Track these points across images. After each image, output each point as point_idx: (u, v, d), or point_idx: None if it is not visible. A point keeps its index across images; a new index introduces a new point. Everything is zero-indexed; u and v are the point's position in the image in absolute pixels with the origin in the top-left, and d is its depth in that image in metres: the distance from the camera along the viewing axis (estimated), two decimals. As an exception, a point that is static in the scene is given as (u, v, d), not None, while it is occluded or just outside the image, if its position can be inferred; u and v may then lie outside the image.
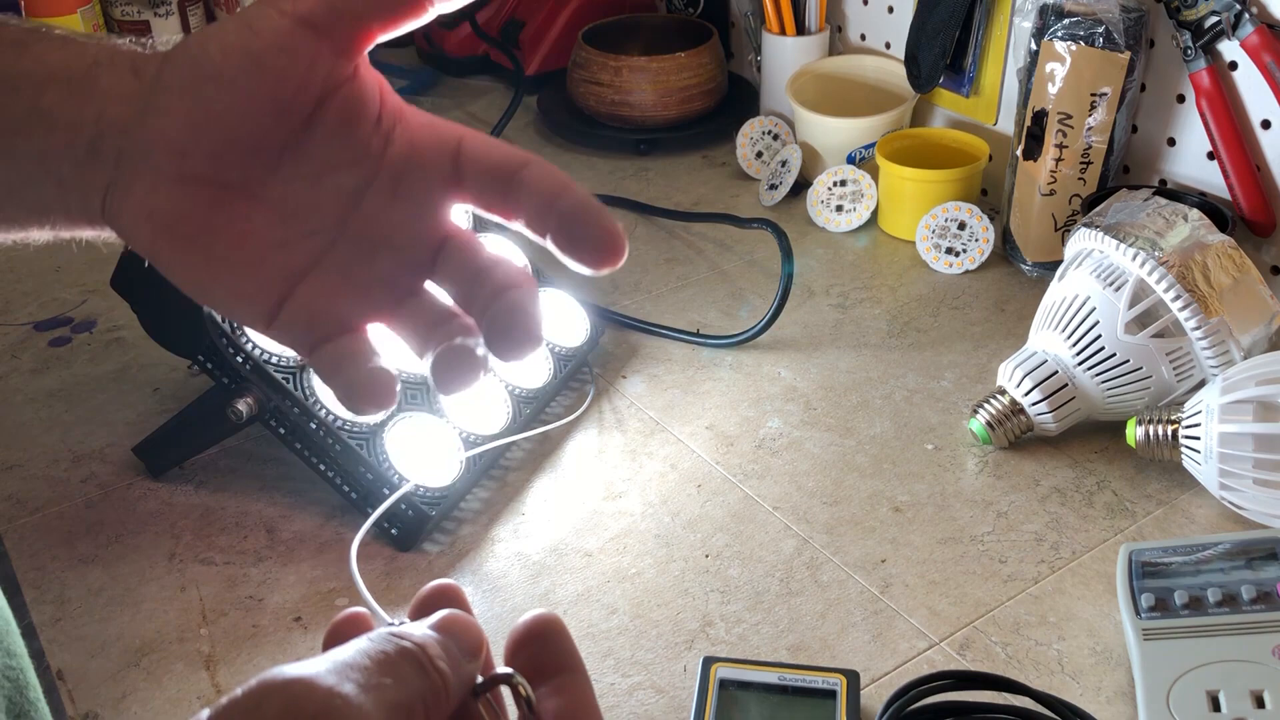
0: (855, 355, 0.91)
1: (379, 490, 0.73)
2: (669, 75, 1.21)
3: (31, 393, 0.90)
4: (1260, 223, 0.88)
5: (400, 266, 0.39)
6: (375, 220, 0.38)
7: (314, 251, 0.38)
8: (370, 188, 0.38)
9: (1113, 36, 0.89)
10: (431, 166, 0.38)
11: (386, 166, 0.38)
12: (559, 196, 0.37)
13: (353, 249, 0.38)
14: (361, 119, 0.38)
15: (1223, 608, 0.61)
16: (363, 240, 0.38)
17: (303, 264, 0.38)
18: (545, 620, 0.35)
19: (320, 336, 0.37)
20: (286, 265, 0.37)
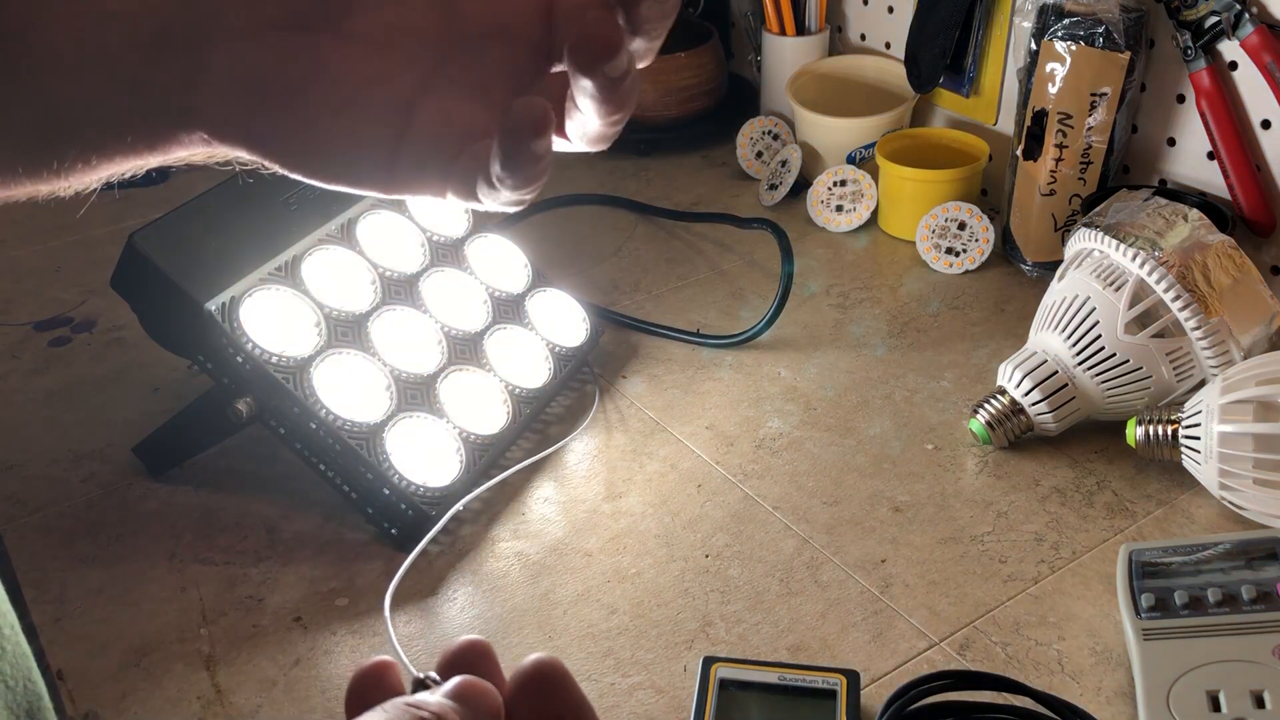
0: (855, 355, 0.91)
1: (379, 490, 0.73)
2: (669, 75, 1.21)
3: (31, 393, 0.90)
4: (1260, 223, 0.88)
5: (515, 54, 0.36)
6: (474, 17, 0.36)
7: (418, 75, 0.35)
8: None
9: (1113, 36, 0.89)
10: None
11: None
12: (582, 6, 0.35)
13: (458, 57, 0.36)
14: None
15: (1223, 608, 0.61)
16: (467, 44, 0.36)
17: (412, 90, 0.35)
18: (549, 666, 0.35)
19: (450, 157, 0.35)
20: (396, 95, 0.35)
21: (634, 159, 1.24)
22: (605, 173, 1.21)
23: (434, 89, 0.36)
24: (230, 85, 0.34)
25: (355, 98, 0.35)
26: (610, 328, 0.95)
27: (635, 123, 1.23)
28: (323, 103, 0.35)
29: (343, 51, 0.35)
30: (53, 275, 1.06)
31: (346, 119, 0.35)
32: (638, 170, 1.22)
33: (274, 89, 0.34)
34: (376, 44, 0.35)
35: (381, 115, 0.35)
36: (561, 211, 1.13)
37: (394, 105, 0.35)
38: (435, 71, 0.36)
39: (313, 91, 0.35)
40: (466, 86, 0.36)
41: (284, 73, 0.34)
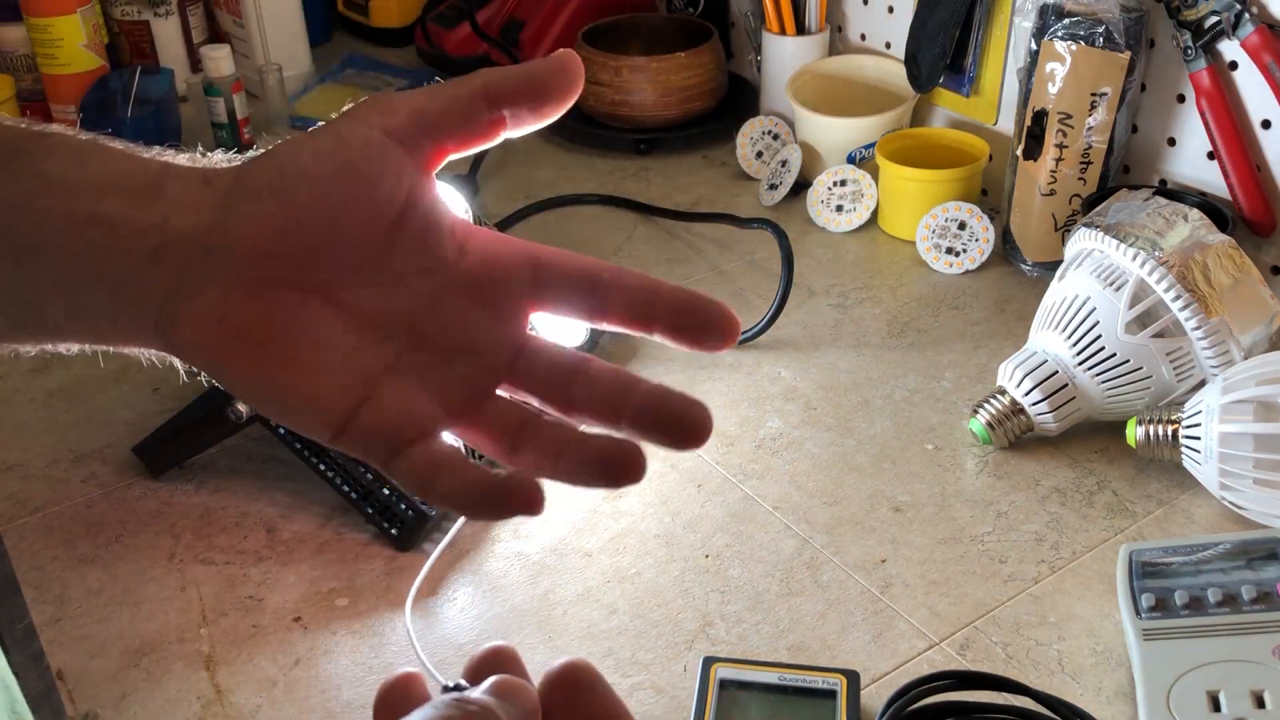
0: (855, 355, 0.91)
1: (379, 490, 0.73)
2: (669, 75, 1.21)
3: (31, 393, 0.90)
4: (1260, 223, 0.88)
5: (478, 370, 0.39)
6: (452, 326, 0.39)
7: (389, 356, 0.38)
8: (445, 295, 0.38)
9: (1113, 36, 0.89)
10: (509, 274, 0.39)
11: (463, 275, 0.39)
12: (657, 291, 0.38)
13: (429, 354, 0.38)
14: (438, 230, 0.38)
15: (1223, 608, 0.61)
16: (439, 345, 0.38)
17: (377, 368, 0.37)
18: (580, 668, 0.35)
19: (398, 442, 0.36)
20: (362, 369, 0.37)
21: (634, 159, 1.24)
22: (605, 173, 1.21)
23: (397, 373, 0.38)
24: (213, 319, 0.36)
25: (326, 362, 0.37)
26: (610, 328, 0.94)
27: (635, 123, 1.24)
28: (297, 360, 0.36)
29: (329, 317, 0.37)
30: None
31: (312, 379, 0.36)
32: (638, 170, 1.22)
33: (255, 335, 0.36)
34: (359, 320, 0.37)
35: (345, 384, 0.37)
36: (561, 211, 1.13)
37: (358, 379, 0.37)
38: (403, 357, 0.38)
39: (289, 347, 0.36)
40: (426, 382, 0.38)
41: (270, 324, 0.36)
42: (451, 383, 0.38)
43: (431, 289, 0.38)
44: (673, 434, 0.37)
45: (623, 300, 0.38)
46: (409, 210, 0.37)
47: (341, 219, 0.36)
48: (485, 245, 0.40)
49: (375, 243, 0.37)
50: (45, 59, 1.27)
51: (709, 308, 0.37)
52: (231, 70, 1.23)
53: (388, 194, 0.37)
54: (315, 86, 1.41)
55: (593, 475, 0.37)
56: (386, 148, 0.37)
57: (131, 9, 1.36)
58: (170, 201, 0.36)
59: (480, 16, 1.40)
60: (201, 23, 1.42)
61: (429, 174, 0.38)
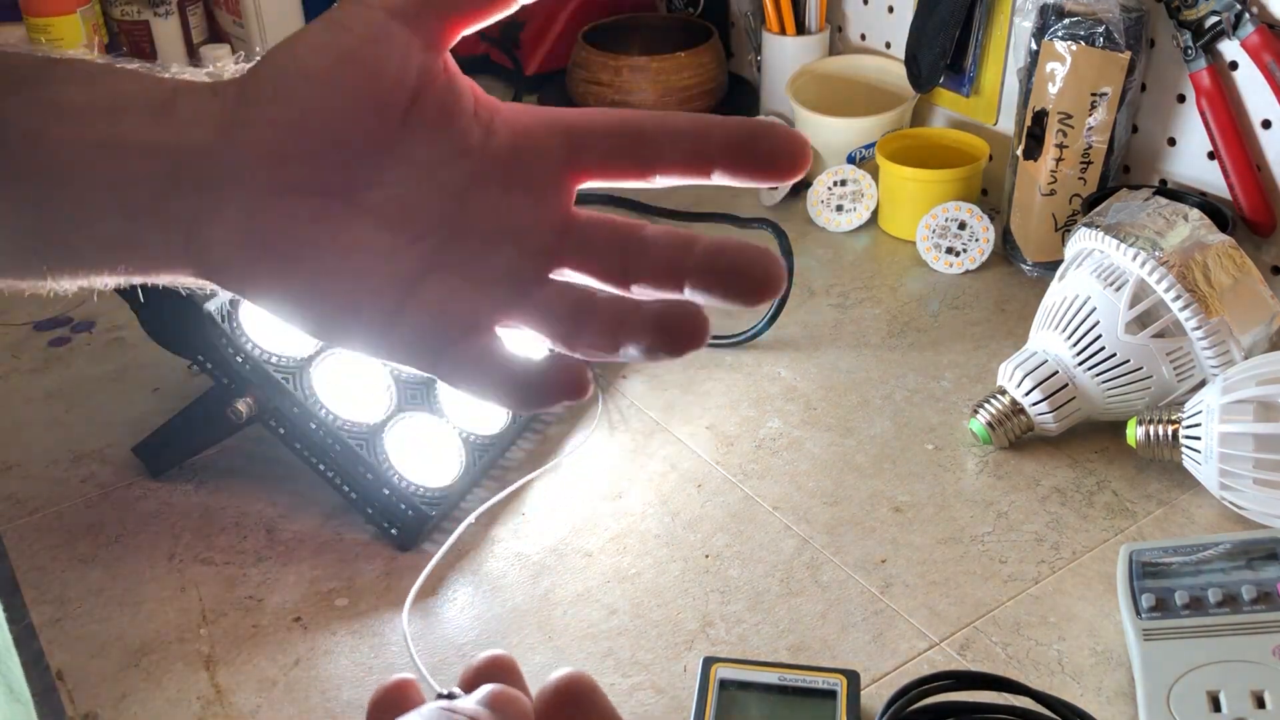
0: (855, 355, 0.91)
1: (379, 490, 0.73)
2: (669, 75, 1.21)
3: (31, 393, 0.90)
4: (1260, 223, 0.88)
5: (523, 257, 0.36)
6: (489, 213, 0.36)
7: (426, 255, 0.36)
8: (477, 182, 0.36)
9: (1113, 36, 0.89)
10: (542, 149, 0.36)
11: (492, 157, 0.36)
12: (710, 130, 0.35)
13: (468, 246, 0.36)
14: (458, 112, 0.36)
15: (1223, 608, 0.61)
16: (477, 236, 0.36)
17: (416, 269, 0.35)
18: (578, 680, 0.34)
19: (444, 342, 0.35)
20: (398, 272, 0.35)
21: (634, 159, 1.23)
22: (605, 173, 1.21)
23: (437, 272, 0.36)
24: (238, 234, 0.34)
25: (359, 267, 0.35)
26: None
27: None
28: (327, 267, 0.35)
29: (354, 221, 0.35)
30: (53, 275, 1.05)
31: (348, 286, 0.35)
32: (638, 170, 1.21)
33: (281, 246, 0.34)
34: (388, 219, 0.35)
35: (382, 288, 0.35)
36: (561, 211, 1.13)
37: (396, 280, 0.35)
38: (440, 255, 0.36)
39: (319, 255, 0.35)
40: (469, 276, 0.36)
41: (294, 232, 0.34)
42: (496, 274, 0.36)
43: (461, 177, 0.36)
44: (741, 286, 0.34)
45: (674, 148, 0.35)
46: (423, 94, 0.35)
47: (348, 112, 0.34)
48: (514, 121, 0.37)
49: (390, 131, 0.35)
50: (45, 59, 1.27)
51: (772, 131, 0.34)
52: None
53: (394, 78, 0.34)
54: (315, 86, 1.41)
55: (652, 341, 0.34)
56: (389, 28, 0.34)
57: (131, 9, 1.36)
58: (182, 119, 0.34)
59: (480, 16, 1.40)
60: (201, 23, 1.42)
61: (441, 51, 0.36)
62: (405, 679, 0.35)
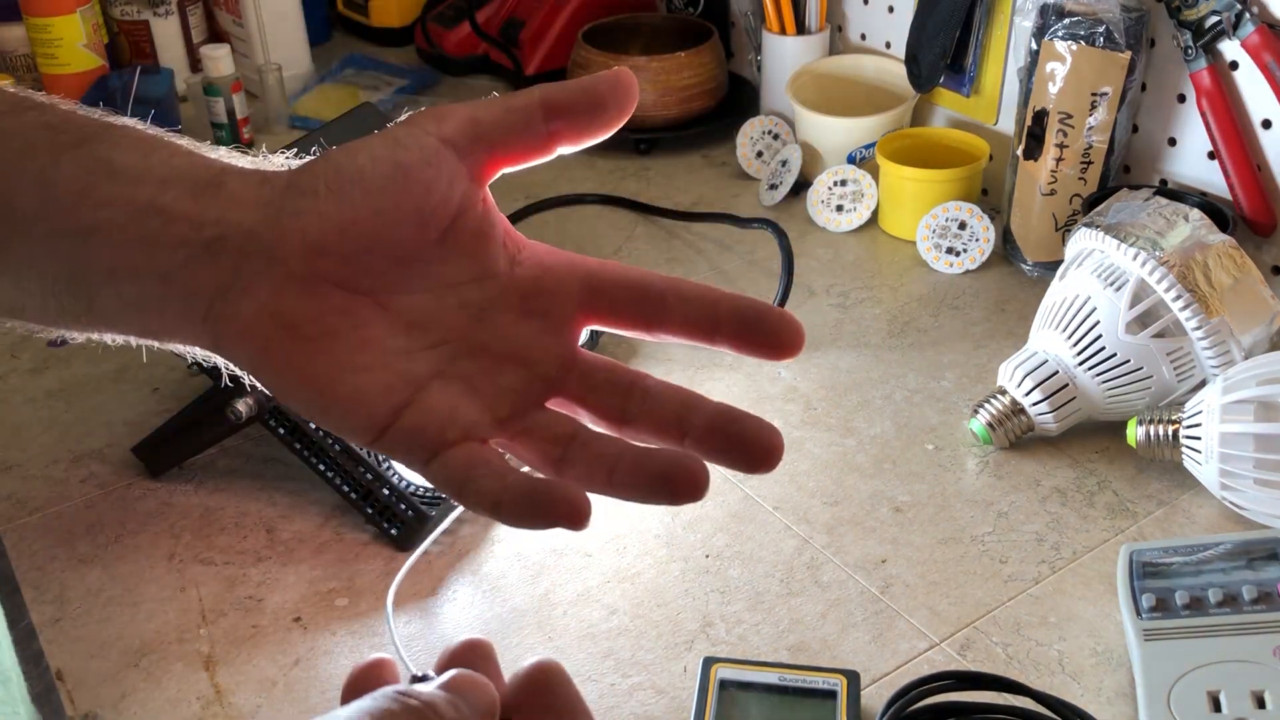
0: (855, 355, 0.91)
1: (379, 490, 0.73)
2: (669, 75, 1.21)
3: (31, 393, 0.90)
4: (1261, 222, 0.88)
5: (527, 381, 0.39)
6: (502, 335, 0.39)
7: (437, 362, 0.38)
8: (497, 304, 0.39)
9: (1113, 36, 0.89)
10: (562, 286, 0.39)
11: (514, 285, 0.39)
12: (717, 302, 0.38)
13: (478, 362, 0.38)
14: (490, 239, 0.38)
15: (1223, 608, 0.61)
16: (489, 354, 0.38)
17: (425, 372, 0.37)
18: (549, 668, 0.35)
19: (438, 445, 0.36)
20: (409, 372, 0.37)
21: (634, 159, 1.24)
22: (605, 173, 1.21)
23: (445, 379, 0.38)
24: (264, 313, 0.36)
25: (375, 362, 0.37)
26: (610, 328, 0.94)
27: (635, 122, 1.23)
28: (342, 358, 0.36)
29: (377, 320, 0.37)
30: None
31: (361, 379, 0.36)
32: (638, 170, 1.22)
33: (305, 330, 0.36)
34: (408, 324, 0.37)
35: (391, 385, 0.37)
36: (561, 211, 1.13)
37: (405, 380, 0.37)
38: (450, 365, 0.38)
39: (337, 345, 0.36)
40: (474, 389, 0.38)
41: (319, 321, 0.36)
42: (499, 391, 0.38)
43: (483, 298, 0.38)
44: (745, 457, 0.37)
45: (681, 311, 0.38)
46: (461, 218, 0.37)
47: (394, 221, 0.36)
48: (538, 257, 0.40)
49: (427, 248, 0.37)
50: (45, 59, 1.27)
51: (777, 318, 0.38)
52: (231, 70, 1.23)
53: (441, 199, 0.37)
54: (315, 86, 1.41)
55: (652, 490, 0.36)
56: (441, 154, 0.37)
57: (131, 9, 1.36)
58: (229, 197, 0.36)
59: (480, 16, 1.40)
60: (201, 22, 1.42)
61: (482, 184, 0.38)
62: (382, 658, 0.35)
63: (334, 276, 0.36)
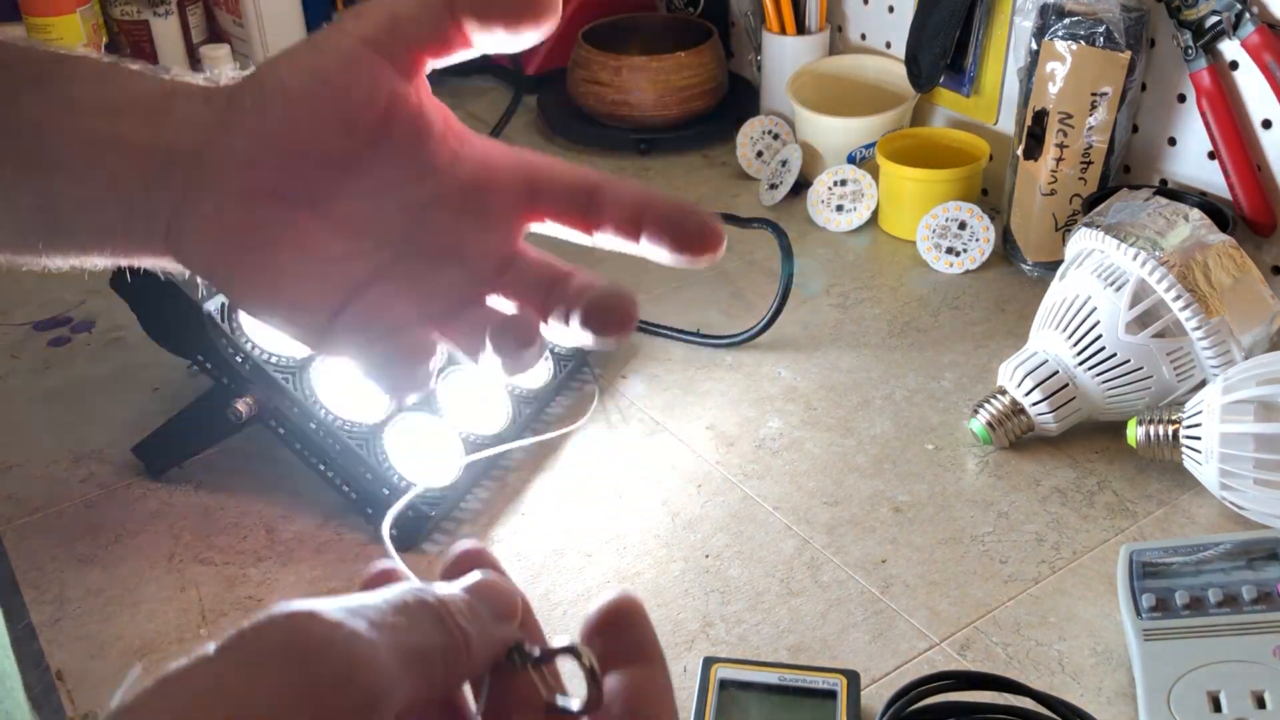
0: (855, 355, 0.91)
1: (379, 490, 0.73)
2: (669, 75, 1.21)
3: (31, 393, 0.90)
4: (1261, 222, 0.88)
5: (465, 279, 0.40)
6: (442, 234, 0.39)
7: (378, 263, 0.39)
8: (437, 203, 0.39)
9: (1113, 36, 0.89)
10: (503, 184, 0.40)
11: (455, 183, 0.39)
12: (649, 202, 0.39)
13: (417, 261, 0.39)
14: (427, 137, 0.39)
15: (1223, 608, 0.61)
16: (428, 253, 0.39)
17: (365, 274, 0.39)
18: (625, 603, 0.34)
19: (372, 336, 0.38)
20: (349, 275, 0.39)
21: (634, 159, 1.24)
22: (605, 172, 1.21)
23: (382, 280, 0.39)
24: (211, 230, 0.38)
25: (315, 269, 0.38)
26: (610, 328, 0.94)
27: (635, 122, 1.23)
28: (284, 265, 0.38)
29: (316, 227, 0.38)
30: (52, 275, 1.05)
31: (301, 284, 0.38)
32: (638, 170, 1.21)
33: (247, 242, 0.38)
34: (346, 229, 0.39)
35: (331, 289, 0.39)
36: (561, 211, 1.13)
37: (344, 283, 0.39)
38: (388, 266, 0.39)
39: (279, 254, 0.38)
40: (411, 288, 0.40)
41: (259, 233, 0.38)
42: (436, 289, 0.40)
43: (423, 197, 0.39)
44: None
45: (617, 212, 0.40)
46: (392, 117, 0.38)
47: (316, 128, 0.37)
48: (481, 153, 0.40)
49: (358, 151, 0.38)
50: (45, 59, 1.27)
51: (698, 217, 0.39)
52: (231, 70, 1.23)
53: (363, 101, 0.37)
54: (315, 86, 1.41)
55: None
56: (360, 54, 0.37)
57: (131, 9, 1.36)
58: (178, 120, 0.38)
59: (480, 16, 1.40)
60: (201, 23, 1.42)
61: (413, 80, 0.38)
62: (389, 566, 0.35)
63: (270, 188, 0.37)
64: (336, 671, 0.26)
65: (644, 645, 0.34)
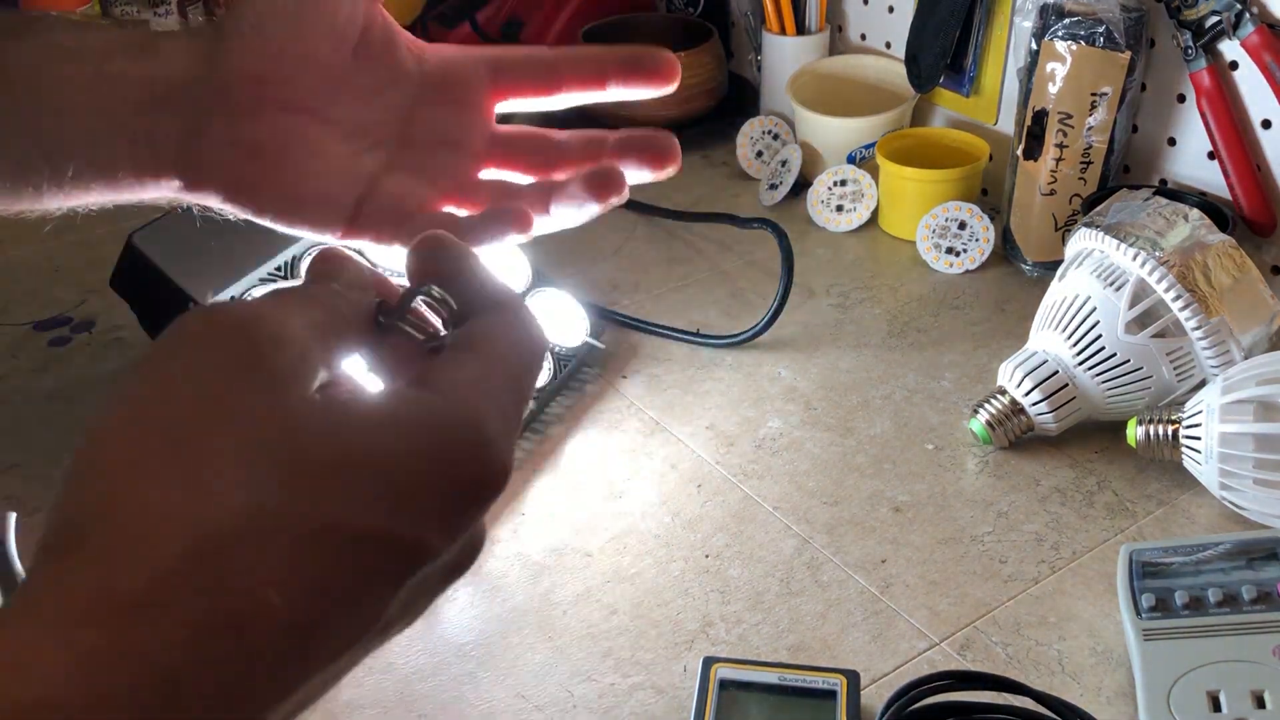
0: (855, 355, 0.91)
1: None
2: (669, 75, 1.21)
3: (31, 393, 0.90)
4: (1261, 222, 0.88)
5: (458, 158, 0.46)
6: (428, 125, 0.46)
7: (382, 158, 0.45)
8: (417, 101, 0.45)
9: (1113, 36, 0.89)
10: (468, 73, 0.46)
11: (425, 80, 0.46)
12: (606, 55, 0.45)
13: (414, 151, 0.45)
14: (396, 45, 0.45)
15: (1223, 608, 0.61)
16: (421, 143, 0.46)
17: (374, 168, 0.44)
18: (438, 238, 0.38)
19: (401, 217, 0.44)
20: (361, 170, 0.44)
21: (634, 159, 1.23)
22: (605, 172, 1.21)
23: (393, 170, 0.45)
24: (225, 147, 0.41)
25: (330, 167, 0.43)
26: (610, 328, 0.95)
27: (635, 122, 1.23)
28: (304, 167, 0.42)
29: (323, 131, 0.43)
30: (52, 275, 1.06)
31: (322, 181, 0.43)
32: (638, 170, 1.21)
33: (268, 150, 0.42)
34: (350, 131, 0.44)
35: (350, 182, 0.44)
36: (561, 211, 1.13)
37: (360, 176, 0.44)
38: (394, 158, 0.45)
39: (295, 157, 0.42)
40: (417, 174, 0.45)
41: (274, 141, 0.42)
42: (438, 170, 0.46)
43: (402, 97, 0.45)
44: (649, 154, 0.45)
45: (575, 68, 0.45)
46: (368, 31, 0.43)
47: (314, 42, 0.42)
48: (441, 54, 0.46)
49: (344, 62, 0.43)
50: (45, 59, 1.27)
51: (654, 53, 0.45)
52: (231, 70, 1.23)
53: (347, 16, 0.43)
54: (315, 86, 1.41)
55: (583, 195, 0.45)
56: None
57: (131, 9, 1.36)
58: (166, 55, 0.41)
59: (480, 16, 1.40)
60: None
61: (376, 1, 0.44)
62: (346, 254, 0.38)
63: (277, 101, 0.42)
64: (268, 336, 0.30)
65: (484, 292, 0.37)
